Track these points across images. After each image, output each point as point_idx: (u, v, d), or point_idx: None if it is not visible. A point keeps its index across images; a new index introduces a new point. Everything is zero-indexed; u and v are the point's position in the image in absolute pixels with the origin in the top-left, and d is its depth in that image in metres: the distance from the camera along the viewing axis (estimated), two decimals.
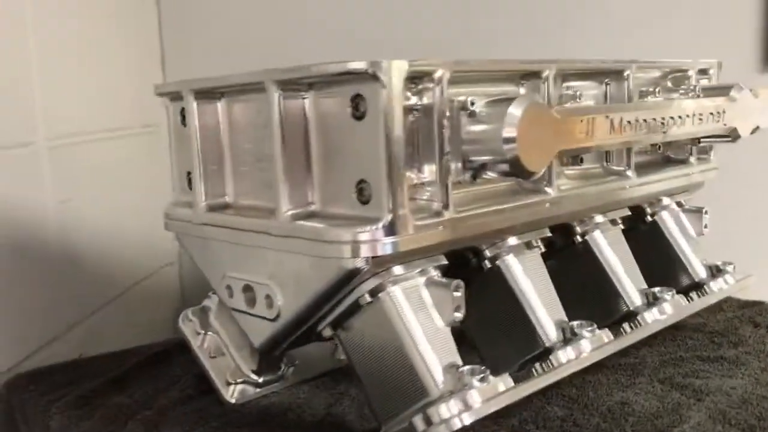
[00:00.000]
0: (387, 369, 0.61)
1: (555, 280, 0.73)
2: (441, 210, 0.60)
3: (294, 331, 0.66)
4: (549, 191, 0.69)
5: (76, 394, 0.79)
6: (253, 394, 0.77)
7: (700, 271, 0.88)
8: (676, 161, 0.88)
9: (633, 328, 0.76)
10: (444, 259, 0.64)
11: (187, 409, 0.75)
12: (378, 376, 0.62)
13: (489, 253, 0.70)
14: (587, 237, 0.79)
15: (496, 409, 0.59)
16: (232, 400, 0.76)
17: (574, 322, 0.70)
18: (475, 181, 0.61)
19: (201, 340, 0.78)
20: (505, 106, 0.57)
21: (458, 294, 0.61)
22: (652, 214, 0.88)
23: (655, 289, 0.80)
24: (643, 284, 0.81)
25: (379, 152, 0.56)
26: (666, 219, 0.88)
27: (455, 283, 0.61)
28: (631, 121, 0.68)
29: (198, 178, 0.68)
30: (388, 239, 0.57)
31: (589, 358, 0.68)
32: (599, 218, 0.79)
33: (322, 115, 0.60)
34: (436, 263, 0.64)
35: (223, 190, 0.69)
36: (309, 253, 0.59)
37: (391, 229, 0.57)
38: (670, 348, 0.84)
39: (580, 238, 0.79)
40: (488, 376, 0.59)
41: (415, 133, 0.60)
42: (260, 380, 0.77)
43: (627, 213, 0.83)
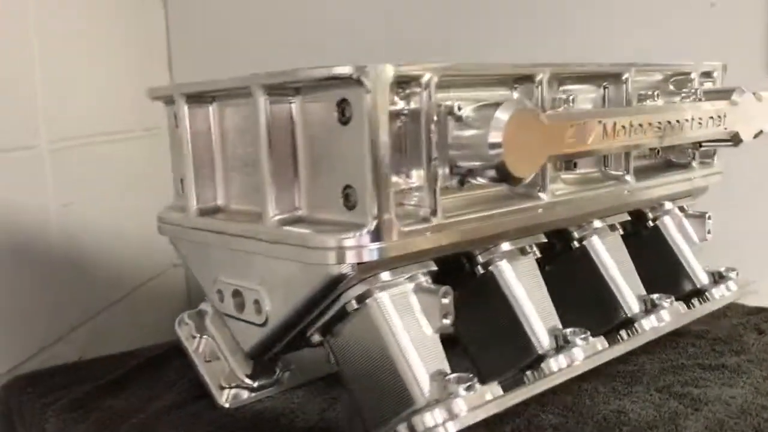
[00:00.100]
0: (374, 376, 0.61)
1: (553, 286, 0.72)
2: (429, 216, 0.59)
3: (283, 336, 0.66)
4: (542, 196, 0.68)
5: (72, 397, 0.79)
6: (248, 399, 0.77)
7: (702, 278, 0.86)
8: (678, 165, 0.86)
9: (630, 335, 0.75)
10: (433, 265, 0.64)
11: (181, 414, 0.75)
12: (366, 383, 0.62)
13: (482, 259, 0.69)
14: (585, 242, 0.78)
15: (483, 417, 0.58)
16: (226, 405, 0.76)
17: (568, 330, 0.69)
18: (462, 187, 0.61)
19: (196, 344, 0.78)
20: (491, 111, 0.56)
21: (446, 301, 0.60)
22: (654, 219, 0.86)
23: (654, 295, 0.78)
24: (642, 290, 0.79)
25: (364, 157, 0.55)
26: (668, 224, 0.87)
27: (443, 290, 0.60)
28: (626, 126, 0.67)
29: (189, 181, 0.68)
30: (374, 245, 0.56)
31: (581, 367, 0.67)
32: (597, 223, 0.78)
33: (309, 120, 0.60)
34: (426, 269, 0.63)
35: (215, 194, 0.69)
36: (295, 259, 0.59)
37: (377, 235, 0.56)
38: (671, 355, 0.82)
39: (578, 244, 0.78)
40: (475, 385, 0.58)
41: (402, 138, 0.59)
42: (255, 384, 0.77)
43: (626, 218, 0.81)
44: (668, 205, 0.87)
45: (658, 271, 0.84)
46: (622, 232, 0.81)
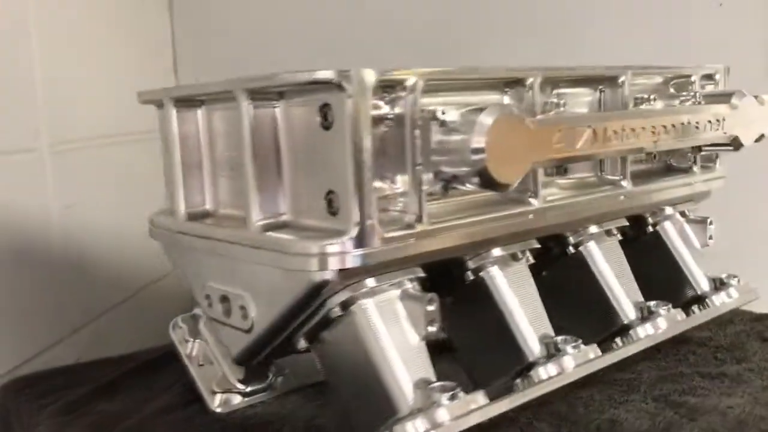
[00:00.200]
0: (359, 383, 0.60)
1: (550, 292, 0.71)
2: (414, 222, 0.59)
3: (269, 342, 0.65)
4: (533, 202, 0.67)
5: (66, 400, 0.79)
6: (240, 404, 0.76)
7: (703, 284, 0.84)
8: (679, 170, 0.85)
9: (624, 342, 0.74)
10: (421, 272, 0.63)
11: (173, 418, 0.75)
12: (352, 390, 0.61)
13: (472, 265, 0.68)
14: (581, 248, 0.76)
15: (466, 427, 0.57)
16: (218, 409, 0.75)
17: (559, 337, 0.68)
18: (447, 193, 0.60)
19: (190, 348, 0.78)
20: (475, 116, 0.55)
21: (431, 308, 0.59)
22: (654, 224, 0.85)
23: (651, 303, 0.77)
24: (640, 297, 0.78)
25: (346, 162, 0.55)
26: (668, 229, 0.85)
27: (429, 297, 0.59)
28: (618, 131, 0.65)
29: (178, 186, 0.68)
30: (357, 251, 0.56)
31: (572, 375, 0.66)
32: (594, 229, 0.77)
33: (292, 125, 0.59)
34: (413, 275, 0.62)
35: (203, 198, 0.69)
36: (278, 265, 0.58)
37: (360, 241, 0.55)
38: (671, 363, 0.81)
39: (574, 249, 0.77)
40: (458, 393, 0.57)
41: (387, 143, 0.58)
42: (247, 389, 0.76)
43: (624, 223, 0.80)
44: (669, 210, 0.85)
45: (659, 277, 0.83)
46: (620, 238, 0.80)
